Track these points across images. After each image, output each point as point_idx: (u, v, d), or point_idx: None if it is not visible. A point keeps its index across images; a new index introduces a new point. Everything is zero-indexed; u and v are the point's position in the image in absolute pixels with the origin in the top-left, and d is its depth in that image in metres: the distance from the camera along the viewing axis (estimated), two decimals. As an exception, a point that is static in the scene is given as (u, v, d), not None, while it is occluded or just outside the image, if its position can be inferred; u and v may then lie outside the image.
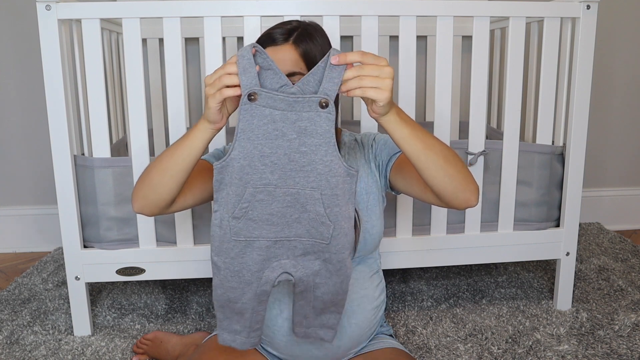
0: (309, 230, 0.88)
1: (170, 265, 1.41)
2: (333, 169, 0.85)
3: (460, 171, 0.92)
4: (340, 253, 0.90)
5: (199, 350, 1.09)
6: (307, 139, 0.83)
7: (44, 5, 1.26)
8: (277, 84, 0.83)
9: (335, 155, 0.84)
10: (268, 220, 0.86)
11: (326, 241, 0.88)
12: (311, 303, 0.94)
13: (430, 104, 2.05)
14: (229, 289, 0.90)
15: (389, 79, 0.81)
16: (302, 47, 1.00)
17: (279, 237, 0.88)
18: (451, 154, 0.92)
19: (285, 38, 1.01)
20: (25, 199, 2.15)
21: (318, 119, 0.83)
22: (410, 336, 1.41)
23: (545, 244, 1.50)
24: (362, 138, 1.15)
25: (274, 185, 0.85)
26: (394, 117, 0.86)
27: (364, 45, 1.33)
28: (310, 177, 0.85)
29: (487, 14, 1.36)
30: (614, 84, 2.24)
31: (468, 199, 0.93)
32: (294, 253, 0.89)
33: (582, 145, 1.46)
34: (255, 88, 0.82)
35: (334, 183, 0.85)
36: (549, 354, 1.31)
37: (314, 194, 0.85)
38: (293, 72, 0.99)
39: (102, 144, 1.35)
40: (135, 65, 1.30)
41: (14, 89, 2.06)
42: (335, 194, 0.86)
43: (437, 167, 0.89)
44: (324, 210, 0.87)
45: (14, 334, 1.46)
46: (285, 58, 1.00)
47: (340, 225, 0.88)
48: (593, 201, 2.31)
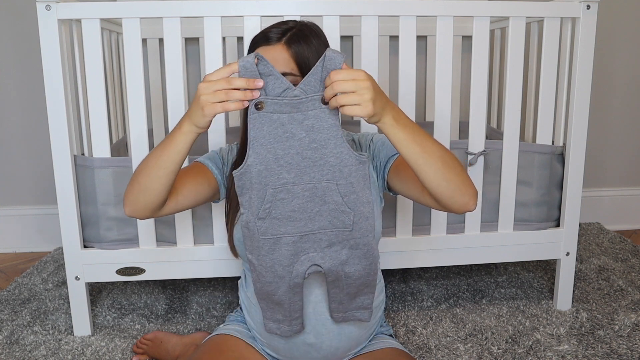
0: (331, 221, 0.92)
1: (170, 265, 1.41)
2: (344, 160, 0.89)
3: (458, 175, 0.92)
4: (364, 237, 0.93)
5: (199, 351, 1.09)
6: (316, 135, 0.87)
7: (44, 5, 1.26)
8: (279, 89, 0.87)
9: (345, 146, 0.88)
10: (291, 217, 0.91)
11: (349, 228, 0.92)
12: (344, 290, 0.99)
13: (430, 104, 2.05)
14: (265, 283, 0.96)
15: (367, 91, 0.81)
16: (294, 48, 1.00)
17: (304, 231, 0.92)
18: (450, 158, 0.92)
19: (278, 38, 1.01)
20: (25, 199, 2.15)
21: (323, 115, 0.86)
22: (410, 336, 1.41)
23: (545, 244, 1.50)
24: (359, 138, 1.15)
25: (291, 183, 0.90)
26: (389, 121, 0.86)
27: (364, 45, 1.33)
28: (324, 170, 0.89)
29: (487, 14, 1.36)
30: (614, 84, 2.24)
31: (466, 203, 0.93)
32: (320, 245, 0.94)
33: (582, 145, 1.46)
34: (261, 97, 0.86)
35: (347, 172, 0.89)
36: (549, 354, 1.31)
37: (330, 185, 0.90)
38: (284, 73, 0.99)
39: (102, 144, 1.35)
40: (135, 65, 1.30)
41: (14, 89, 2.06)
42: (350, 182, 0.90)
43: (435, 170, 0.89)
44: (342, 199, 0.90)
45: (14, 334, 1.46)
46: (276, 58, 0.99)
47: (360, 211, 0.92)
48: (593, 201, 2.31)
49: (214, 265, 1.41)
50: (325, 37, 1.07)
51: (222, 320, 1.50)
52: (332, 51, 0.84)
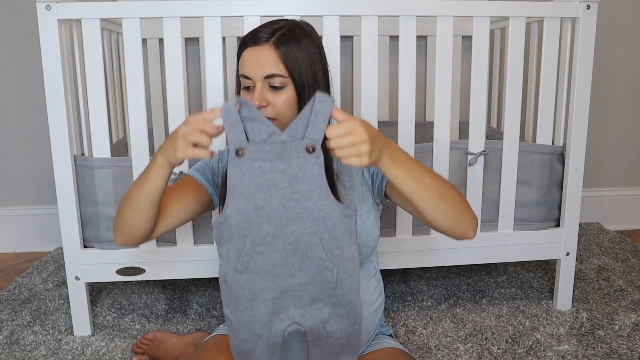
0: (313, 277, 0.87)
1: (170, 265, 1.41)
2: (328, 212, 0.84)
3: (456, 207, 0.93)
4: (348, 295, 0.88)
5: (199, 351, 1.09)
6: (299, 186, 0.83)
7: (44, 5, 1.26)
8: (265, 134, 0.83)
9: (329, 198, 0.84)
10: (270, 272, 0.86)
11: (332, 285, 0.87)
12: (325, 350, 0.92)
13: (430, 104, 2.05)
14: (242, 341, 0.90)
15: (364, 144, 0.80)
16: (283, 49, 0.98)
17: (284, 287, 0.87)
18: (448, 190, 0.93)
19: (267, 38, 0.99)
20: (25, 199, 2.15)
21: (307, 165, 0.82)
22: (410, 336, 1.41)
23: (545, 244, 1.50)
24: None
25: (272, 235, 0.84)
26: (386, 162, 0.86)
27: (364, 45, 1.33)
28: (307, 224, 0.84)
29: (487, 14, 1.36)
30: (614, 84, 2.24)
31: (464, 233, 0.96)
32: (300, 302, 0.88)
33: (582, 145, 1.46)
34: (242, 143, 0.82)
35: (331, 226, 0.85)
36: (549, 354, 1.31)
37: (313, 239, 0.85)
38: (271, 74, 0.98)
39: (102, 144, 1.35)
40: (135, 65, 1.30)
41: (14, 89, 2.06)
42: (334, 237, 0.85)
43: (432, 204, 0.91)
44: (325, 254, 0.86)
45: (14, 334, 1.46)
46: (263, 59, 0.98)
47: (344, 267, 0.87)
48: (593, 201, 2.31)
49: (214, 265, 1.41)
50: (318, 37, 1.05)
51: (222, 320, 1.50)
52: (321, 95, 0.82)
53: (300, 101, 1.00)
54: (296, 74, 0.99)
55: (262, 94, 0.99)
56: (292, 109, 1.01)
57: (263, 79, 0.98)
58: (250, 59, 0.99)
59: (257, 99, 0.98)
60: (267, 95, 0.99)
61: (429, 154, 1.41)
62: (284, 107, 1.00)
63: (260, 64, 0.98)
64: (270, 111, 1.00)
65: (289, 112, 1.00)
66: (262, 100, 0.99)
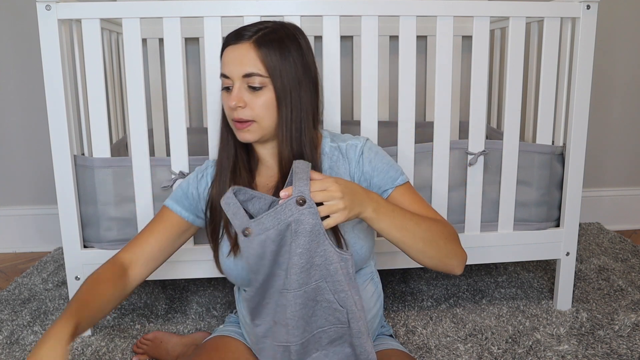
0: (327, 319, 0.91)
1: (170, 265, 1.40)
2: (329, 258, 0.87)
3: (440, 251, 0.97)
4: (358, 337, 0.91)
5: (198, 351, 1.09)
6: (300, 240, 0.85)
7: (44, 5, 1.26)
8: (265, 205, 0.89)
9: (328, 244, 0.87)
10: (289, 325, 0.90)
11: (345, 324, 0.91)
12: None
13: (430, 104, 2.05)
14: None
15: (339, 202, 0.84)
16: (264, 48, 0.95)
17: (305, 337, 0.91)
18: (434, 235, 0.96)
19: (248, 36, 0.96)
20: (25, 199, 2.15)
21: (303, 218, 0.84)
22: (410, 336, 1.41)
23: (545, 244, 1.50)
24: (347, 149, 1.06)
25: (286, 289, 0.89)
26: (370, 214, 0.90)
27: (364, 45, 1.33)
28: (311, 272, 0.88)
29: (487, 14, 1.36)
30: (614, 84, 2.24)
31: (449, 271, 1.00)
32: (321, 344, 0.93)
33: (582, 145, 1.46)
34: (246, 224, 0.86)
35: (334, 270, 0.88)
36: (549, 354, 1.31)
37: (320, 284, 0.89)
38: (249, 73, 0.95)
39: (102, 144, 1.35)
40: (135, 65, 1.30)
41: (14, 89, 2.07)
42: (338, 280, 0.89)
43: (415, 250, 0.95)
44: (333, 296, 0.89)
45: (14, 334, 1.46)
46: (243, 57, 0.95)
47: (352, 310, 0.90)
48: (593, 201, 2.31)
49: (213, 265, 1.41)
50: (306, 40, 1.01)
51: (222, 320, 1.50)
52: (297, 162, 0.88)
53: (280, 105, 0.97)
54: (276, 75, 0.96)
55: (240, 93, 0.96)
56: (270, 112, 0.97)
57: (241, 77, 0.96)
58: (229, 57, 0.97)
59: (234, 98, 0.96)
60: (245, 96, 0.97)
61: (429, 154, 1.42)
62: (262, 110, 0.97)
63: (239, 62, 0.95)
64: (248, 113, 0.97)
65: (267, 115, 0.97)
66: (239, 100, 0.96)
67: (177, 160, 1.35)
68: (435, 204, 1.43)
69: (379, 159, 1.06)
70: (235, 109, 0.97)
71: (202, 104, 2.05)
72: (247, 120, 0.98)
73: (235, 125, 0.99)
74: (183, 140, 1.35)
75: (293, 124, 0.98)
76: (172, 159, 1.35)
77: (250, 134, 0.99)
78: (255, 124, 0.98)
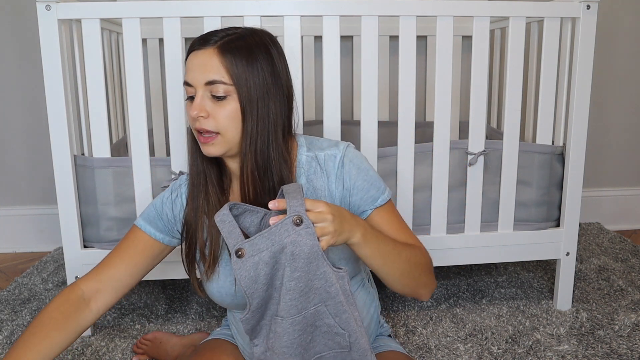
0: (326, 343, 0.88)
1: (170, 265, 1.40)
2: (329, 280, 0.83)
3: (415, 281, 0.97)
4: (364, 357, 0.89)
5: (197, 352, 1.09)
6: (297, 263, 0.81)
7: (44, 5, 1.26)
8: (257, 219, 0.87)
9: (326, 264, 0.82)
10: (285, 353, 0.85)
11: (347, 349, 0.88)
12: None
13: (430, 104, 2.05)
14: None
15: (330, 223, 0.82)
16: (229, 54, 0.89)
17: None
18: (411, 267, 0.95)
19: (214, 41, 0.90)
20: (25, 199, 2.15)
21: (300, 239, 0.80)
22: (410, 336, 1.41)
23: (545, 244, 1.50)
24: (325, 160, 0.99)
25: (280, 317, 0.84)
26: (357, 241, 0.88)
27: (364, 45, 1.33)
28: (310, 296, 0.83)
29: (487, 14, 1.36)
30: (614, 84, 2.24)
31: (417, 297, 1.01)
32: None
33: (582, 145, 1.46)
34: (239, 244, 0.81)
35: (334, 292, 0.84)
36: (549, 354, 1.31)
37: (319, 308, 0.84)
38: (212, 80, 0.89)
39: (102, 144, 1.35)
40: (135, 65, 1.31)
41: (14, 89, 2.07)
42: (339, 302, 0.85)
43: (392, 278, 0.95)
44: (334, 320, 0.85)
45: (14, 334, 1.46)
46: (206, 64, 0.89)
47: (354, 330, 0.87)
48: (593, 201, 2.31)
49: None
50: (279, 47, 0.95)
51: (222, 321, 1.50)
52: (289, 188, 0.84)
53: (246, 116, 0.91)
54: (242, 84, 0.89)
55: (202, 102, 0.90)
56: (235, 124, 0.91)
57: (204, 85, 0.90)
58: (192, 63, 0.91)
59: (196, 108, 0.90)
60: (208, 105, 0.90)
61: (429, 154, 1.41)
62: (226, 121, 0.90)
63: (202, 69, 0.89)
64: (211, 124, 0.91)
65: (232, 127, 0.91)
66: (202, 110, 0.90)
67: (177, 160, 1.35)
68: (435, 204, 1.43)
69: (360, 176, 0.99)
70: (197, 119, 0.91)
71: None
72: (210, 133, 0.91)
73: (199, 139, 0.93)
74: (183, 140, 1.35)
75: (259, 136, 0.91)
76: (172, 159, 1.35)
77: (215, 147, 0.92)
78: (220, 136, 0.91)
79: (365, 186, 0.99)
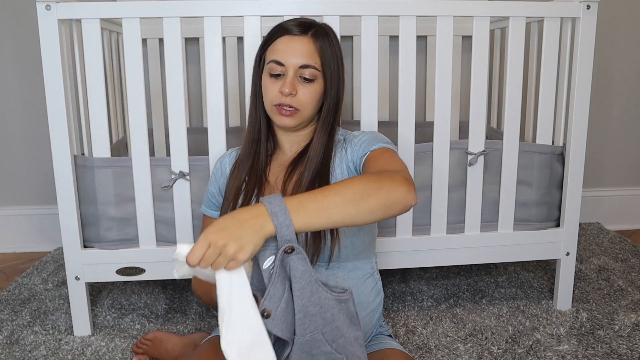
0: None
1: (170, 265, 1.40)
2: (324, 305, 0.81)
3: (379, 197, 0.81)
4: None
5: (196, 352, 1.09)
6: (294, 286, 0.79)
7: (44, 5, 1.26)
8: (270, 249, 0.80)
9: (321, 290, 0.81)
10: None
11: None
12: None
13: (430, 104, 2.05)
14: None
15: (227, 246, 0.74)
16: (320, 43, 1.03)
17: None
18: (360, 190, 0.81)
19: (303, 30, 1.03)
20: (25, 199, 2.15)
21: (293, 264, 0.78)
22: (410, 336, 1.41)
23: (545, 244, 1.50)
24: (349, 135, 1.11)
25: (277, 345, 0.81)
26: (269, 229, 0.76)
27: (364, 45, 1.33)
28: (305, 324, 0.80)
29: (487, 14, 1.36)
30: (614, 84, 2.24)
31: (403, 208, 0.84)
32: None
33: (582, 145, 1.46)
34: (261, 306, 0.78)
35: (330, 318, 0.82)
36: (549, 354, 1.31)
37: (315, 336, 0.82)
38: (307, 64, 1.02)
39: (102, 144, 1.35)
40: (135, 65, 1.30)
41: (14, 89, 2.07)
42: (335, 327, 0.83)
43: (354, 216, 0.80)
44: (330, 346, 0.83)
45: (14, 334, 1.46)
46: (301, 49, 1.02)
47: (352, 352, 0.85)
48: (593, 201, 2.31)
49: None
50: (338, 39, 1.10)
51: (222, 320, 1.50)
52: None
53: (326, 97, 1.06)
54: (327, 69, 1.04)
55: (294, 82, 1.03)
56: (314, 103, 1.06)
57: (298, 67, 1.02)
58: (287, 46, 1.03)
59: (289, 85, 1.02)
60: (297, 85, 1.03)
61: (429, 154, 1.41)
62: (310, 99, 1.04)
63: (298, 52, 1.02)
64: (295, 101, 1.04)
65: (311, 106, 1.05)
66: (293, 89, 1.02)
67: (177, 160, 1.35)
68: (435, 204, 1.43)
69: (369, 134, 1.08)
70: (288, 95, 1.03)
71: (202, 104, 2.05)
72: (292, 107, 1.04)
73: (280, 111, 1.05)
74: (183, 140, 1.35)
75: (331, 116, 1.07)
76: (172, 159, 1.35)
77: (292, 120, 1.05)
78: (299, 112, 1.05)
79: (370, 137, 1.06)
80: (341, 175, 1.07)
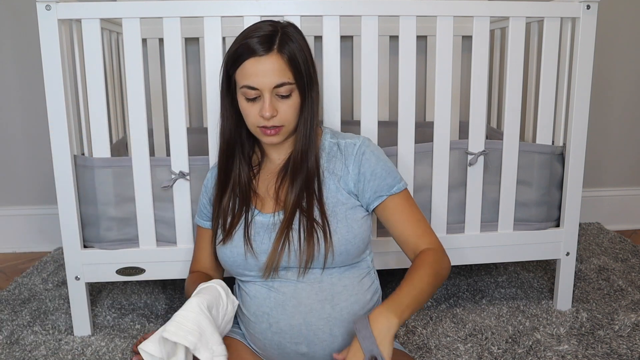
0: None
1: (170, 265, 1.41)
2: None
3: (441, 281, 1.04)
4: None
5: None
6: None
7: (44, 5, 1.26)
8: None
9: None
10: None
11: None
12: None
13: (430, 104, 2.05)
14: None
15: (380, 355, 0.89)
16: (287, 54, 0.99)
17: None
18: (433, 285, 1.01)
19: (267, 47, 0.98)
20: (25, 199, 2.15)
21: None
22: (410, 336, 1.41)
23: (545, 244, 1.50)
24: (345, 146, 1.09)
25: None
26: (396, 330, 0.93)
27: (364, 45, 1.33)
28: None
29: (487, 14, 1.36)
30: (614, 84, 2.24)
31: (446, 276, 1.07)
32: None
33: (582, 145, 1.46)
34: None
35: None
36: (549, 354, 1.31)
37: None
38: (281, 83, 0.99)
39: (102, 144, 1.35)
40: (135, 65, 1.30)
41: (14, 89, 2.07)
42: None
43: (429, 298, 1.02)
44: None
45: (14, 334, 1.46)
46: (272, 68, 0.98)
47: None
48: (593, 201, 2.31)
49: (214, 265, 1.41)
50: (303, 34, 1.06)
51: (222, 320, 1.50)
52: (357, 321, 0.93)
53: (303, 106, 1.04)
54: (301, 79, 1.01)
55: (272, 103, 1.00)
56: (297, 114, 1.04)
57: (272, 88, 0.99)
58: (256, 69, 0.98)
59: (269, 109, 0.99)
60: (275, 104, 1.01)
61: (429, 154, 1.41)
62: (290, 114, 1.02)
63: (268, 74, 0.98)
64: (277, 120, 1.02)
65: (294, 117, 1.03)
66: (274, 111, 1.00)
67: (177, 160, 1.35)
68: (435, 204, 1.43)
69: (380, 164, 1.08)
70: (270, 118, 1.01)
71: (202, 104, 2.05)
72: (276, 127, 1.02)
73: (264, 132, 1.03)
74: (183, 140, 1.35)
75: (309, 122, 1.05)
76: (172, 159, 1.35)
77: (278, 137, 1.04)
78: (284, 128, 1.03)
79: (382, 174, 1.07)
80: (336, 190, 1.06)
